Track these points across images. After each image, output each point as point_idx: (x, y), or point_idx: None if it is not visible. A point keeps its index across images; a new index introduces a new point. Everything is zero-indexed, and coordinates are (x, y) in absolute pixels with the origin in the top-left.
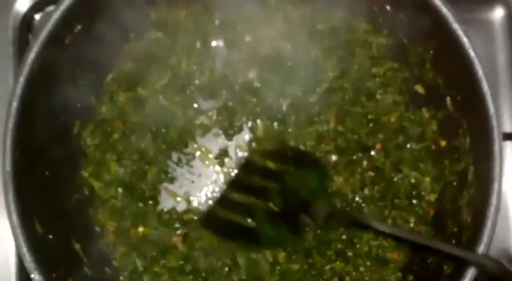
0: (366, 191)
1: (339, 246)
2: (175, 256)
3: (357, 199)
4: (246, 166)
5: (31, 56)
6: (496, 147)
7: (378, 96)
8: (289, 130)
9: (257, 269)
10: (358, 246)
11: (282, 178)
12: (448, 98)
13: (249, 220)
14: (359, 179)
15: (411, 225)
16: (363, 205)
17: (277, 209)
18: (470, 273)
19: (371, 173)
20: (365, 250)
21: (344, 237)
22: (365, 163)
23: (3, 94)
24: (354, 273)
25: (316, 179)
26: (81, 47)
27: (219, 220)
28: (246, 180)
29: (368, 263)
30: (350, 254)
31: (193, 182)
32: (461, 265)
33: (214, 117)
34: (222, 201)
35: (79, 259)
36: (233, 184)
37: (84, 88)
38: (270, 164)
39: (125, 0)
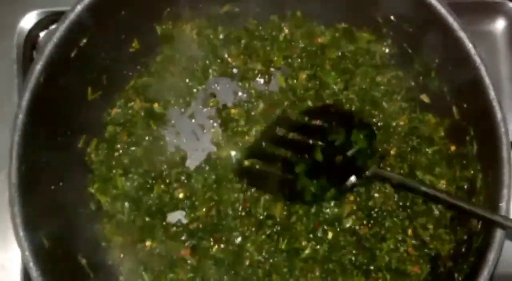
0: (390, 202)
1: (360, 259)
2: (184, 269)
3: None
4: (282, 120)
5: (37, 69)
6: (505, 154)
7: (384, 104)
8: None
9: None
10: (378, 258)
11: (324, 135)
12: (454, 106)
13: (287, 174)
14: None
15: (431, 232)
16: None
17: (320, 160)
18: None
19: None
20: (386, 262)
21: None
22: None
23: (8, 111)
24: None
25: (362, 139)
26: (86, 61)
27: (255, 172)
28: (283, 134)
29: (388, 276)
30: (371, 268)
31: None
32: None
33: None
34: (257, 153)
35: (85, 274)
36: (269, 138)
37: (91, 103)
38: (308, 120)
39: (129, 15)
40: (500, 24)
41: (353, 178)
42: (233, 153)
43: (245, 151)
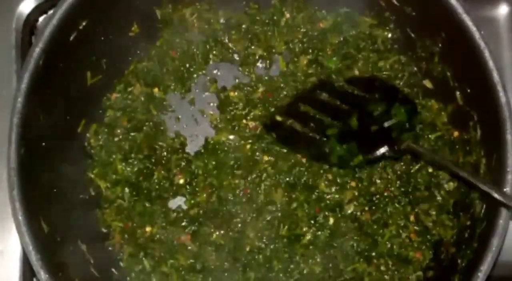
0: (392, 188)
1: (361, 245)
2: (184, 255)
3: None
4: (323, 85)
5: (37, 52)
6: (509, 137)
7: None
8: None
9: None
10: (380, 244)
11: (364, 105)
12: (457, 91)
13: (317, 135)
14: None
15: (433, 218)
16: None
17: (354, 127)
18: (485, 268)
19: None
20: (387, 248)
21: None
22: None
23: (6, 97)
24: (374, 273)
25: (403, 112)
26: (86, 45)
27: (285, 128)
28: (323, 98)
29: (390, 262)
30: (373, 254)
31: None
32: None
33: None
34: (292, 112)
35: (85, 260)
36: (307, 100)
37: (90, 88)
38: (351, 89)
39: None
40: (503, 10)
41: (384, 149)
42: (231, 137)
43: (280, 108)
